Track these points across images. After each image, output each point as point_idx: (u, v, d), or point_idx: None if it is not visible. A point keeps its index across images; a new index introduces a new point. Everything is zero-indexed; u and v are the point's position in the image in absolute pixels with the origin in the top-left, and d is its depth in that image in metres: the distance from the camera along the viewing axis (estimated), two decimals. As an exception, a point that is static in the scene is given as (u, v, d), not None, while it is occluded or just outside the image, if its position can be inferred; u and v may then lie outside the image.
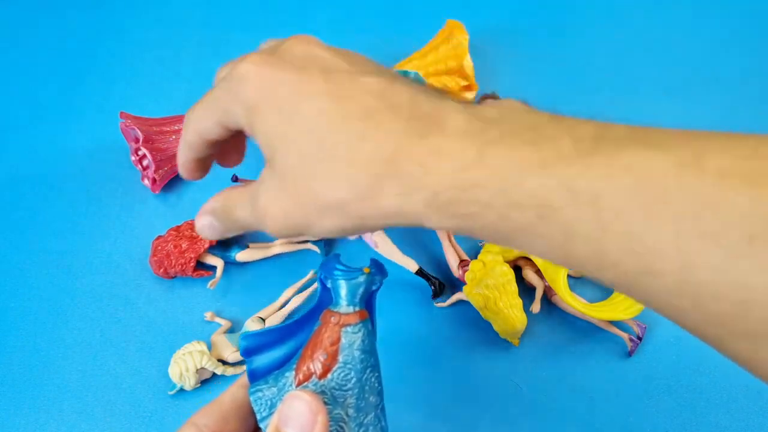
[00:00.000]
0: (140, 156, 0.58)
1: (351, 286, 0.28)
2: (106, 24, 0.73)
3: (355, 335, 0.27)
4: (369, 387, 0.27)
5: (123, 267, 0.54)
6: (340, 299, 0.28)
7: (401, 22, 0.74)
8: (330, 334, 0.27)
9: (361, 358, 0.27)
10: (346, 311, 0.27)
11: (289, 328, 0.29)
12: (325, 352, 0.27)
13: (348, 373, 0.27)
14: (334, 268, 0.28)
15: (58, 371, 0.49)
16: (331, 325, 0.27)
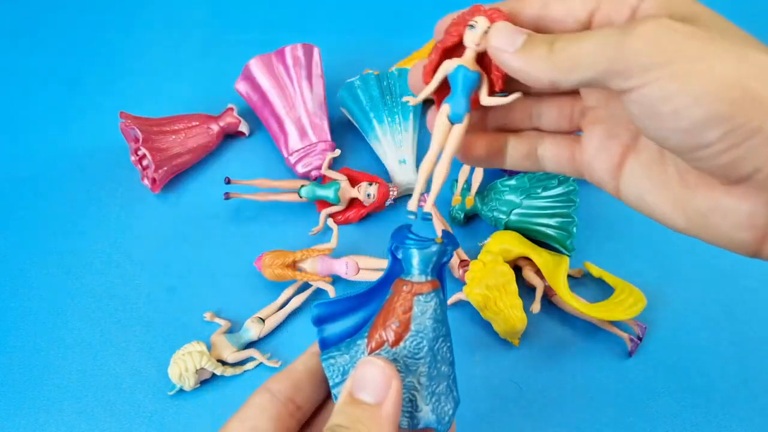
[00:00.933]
0: (140, 156, 0.58)
1: (423, 255, 0.28)
2: (107, 24, 0.73)
3: (428, 304, 0.27)
4: (441, 356, 0.28)
5: (123, 267, 0.54)
6: (412, 268, 0.28)
7: (401, 21, 0.74)
8: (402, 303, 0.27)
9: (433, 327, 0.27)
10: (419, 280, 0.27)
11: (359, 297, 0.29)
12: (397, 320, 0.27)
13: (420, 342, 0.27)
14: (406, 237, 0.28)
15: (57, 371, 0.49)
16: (403, 293, 0.27)
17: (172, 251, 0.55)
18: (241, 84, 0.61)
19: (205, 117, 0.61)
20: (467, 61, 0.27)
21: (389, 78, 0.60)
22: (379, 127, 0.59)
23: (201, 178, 0.60)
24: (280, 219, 0.58)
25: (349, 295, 0.29)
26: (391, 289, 0.28)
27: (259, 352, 0.49)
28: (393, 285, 0.28)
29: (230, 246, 0.56)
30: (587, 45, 0.23)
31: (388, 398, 0.25)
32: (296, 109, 0.58)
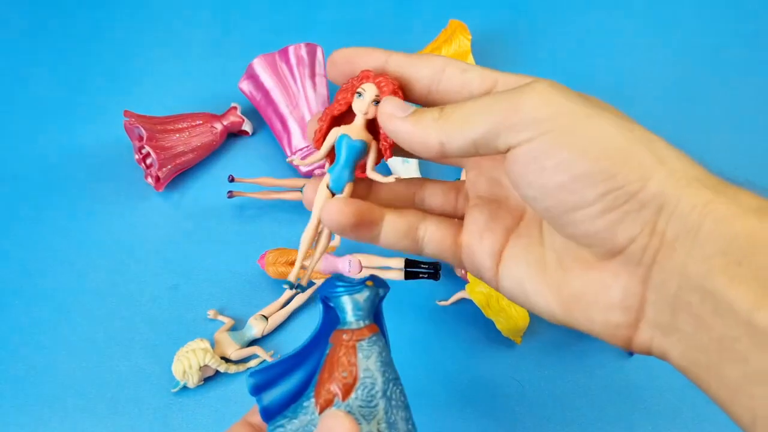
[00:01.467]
0: (144, 154, 0.58)
1: (356, 301, 0.27)
2: (111, 23, 0.73)
3: (371, 349, 0.26)
4: (395, 401, 0.26)
5: (126, 265, 0.55)
6: (346, 316, 0.27)
7: (404, 22, 0.74)
8: (345, 352, 0.26)
9: (382, 371, 0.26)
10: (357, 326, 0.27)
11: (295, 357, 0.28)
12: (344, 370, 0.26)
13: (371, 389, 0.26)
14: (335, 286, 0.28)
15: (61, 369, 0.49)
16: (344, 343, 0.26)
17: (176, 249, 0.56)
18: (244, 83, 0.61)
19: (209, 116, 0.61)
20: (353, 130, 0.27)
21: (392, 77, 0.60)
22: (382, 126, 0.59)
23: (204, 177, 0.60)
24: (283, 217, 0.58)
25: (284, 357, 0.28)
26: (331, 342, 0.27)
27: (262, 349, 0.49)
28: (332, 337, 0.27)
29: (233, 244, 0.56)
30: (479, 103, 0.24)
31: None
32: (299, 108, 0.58)
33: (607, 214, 0.21)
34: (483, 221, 0.28)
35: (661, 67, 0.70)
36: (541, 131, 0.22)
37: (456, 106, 0.24)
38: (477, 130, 0.23)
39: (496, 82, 0.26)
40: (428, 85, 0.27)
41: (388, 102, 0.26)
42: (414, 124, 0.25)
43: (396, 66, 0.27)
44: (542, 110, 0.22)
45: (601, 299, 0.23)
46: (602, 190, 0.21)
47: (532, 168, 0.22)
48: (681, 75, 0.69)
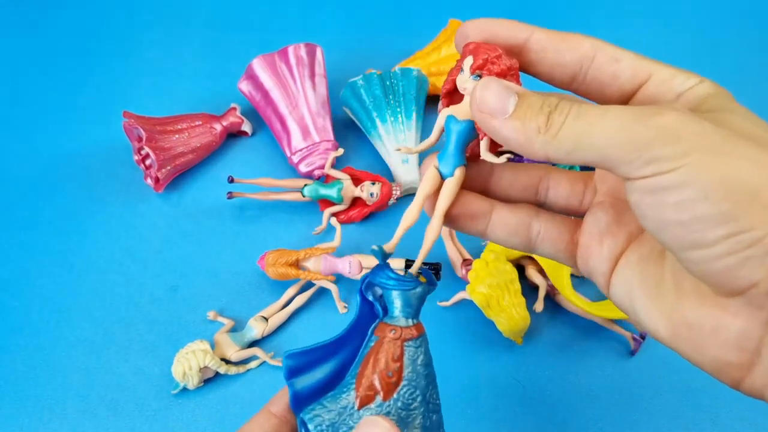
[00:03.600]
0: (143, 155, 0.58)
1: (407, 297, 0.26)
2: (110, 23, 0.73)
3: (418, 350, 0.25)
4: (432, 404, 0.26)
5: (126, 266, 0.55)
6: (395, 311, 0.26)
7: (404, 21, 0.74)
8: (393, 351, 0.25)
9: (425, 374, 0.25)
10: (406, 324, 0.25)
11: (331, 345, 0.27)
12: (390, 370, 0.25)
13: (414, 391, 0.25)
14: (387, 277, 0.26)
15: (61, 370, 0.49)
16: (390, 339, 0.25)
17: (175, 250, 0.55)
18: (244, 83, 0.61)
19: (209, 116, 0.61)
20: (460, 110, 0.25)
21: (392, 77, 0.60)
22: (382, 127, 0.59)
23: (204, 178, 0.60)
24: (283, 218, 0.58)
25: (321, 343, 0.27)
26: (375, 334, 0.26)
27: (262, 350, 0.49)
28: (378, 329, 0.26)
29: (233, 245, 0.56)
30: (595, 128, 0.21)
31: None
32: (299, 109, 0.58)
33: (726, 258, 0.20)
34: (605, 223, 0.26)
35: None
36: (664, 169, 0.20)
37: (567, 118, 0.21)
38: (588, 157, 0.21)
39: (650, 77, 0.23)
40: (572, 74, 0.24)
41: (483, 92, 0.23)
42: (515, 131, 0.22)
43: (537, 47, 0.24)
44: (668, 148, 0.20)
45: (715, 336, 0.22)
46: (723, 233, 0.20)
47: (649, 201, 0.21)
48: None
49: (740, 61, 0.70)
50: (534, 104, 0.22)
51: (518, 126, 0.22)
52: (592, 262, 0.26)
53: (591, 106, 0.22)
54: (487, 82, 0.23)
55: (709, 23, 0.74)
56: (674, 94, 0.23)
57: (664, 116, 0.20)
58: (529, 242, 0.28)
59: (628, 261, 0.25)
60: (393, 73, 0.60)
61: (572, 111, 0.22)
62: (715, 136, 0.20)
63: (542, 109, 0.22)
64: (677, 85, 0.23)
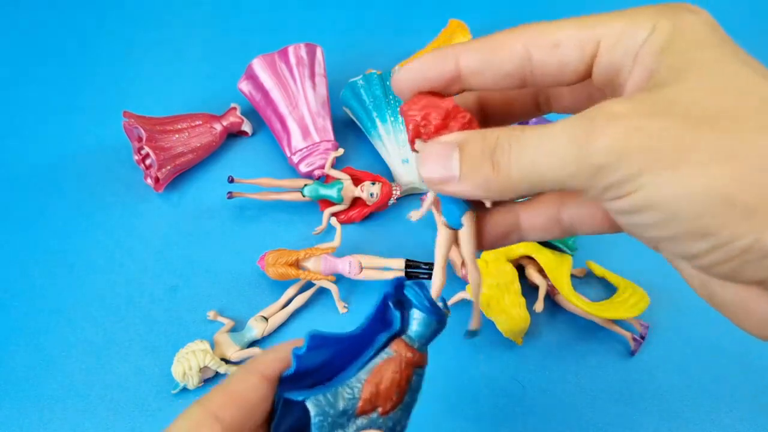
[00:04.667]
0: (143, 155, 0.58)
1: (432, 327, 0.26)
2: (110, 24, 0.73)
3: (420, 378, 0.26)
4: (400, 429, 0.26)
5: (126, 266, 0.55)
6: (413, 332, 0.26)
7: (404, 21, 0.74)
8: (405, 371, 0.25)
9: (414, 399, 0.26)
10: (421, 351, 0.26)
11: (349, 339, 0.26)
12: (397, 390, 0.25)
13: (404, 415, 0.26)
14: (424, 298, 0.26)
15: (61, 370, 0.49)
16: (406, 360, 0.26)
17: (175, 250, 0.55)
18: (244, 83, 0.61)
19: (209, 116, 0.61)
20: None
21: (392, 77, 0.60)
22: (382, 127, 0.59)
23: (204, 178, 0.60)
24: (283, 218, 0.58)
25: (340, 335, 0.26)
26: (393, 350, 0.26)
27: (262, 350, 0.49)
28: (395, 344, 0.26)
29: (233, 245, 0.56)
30: (540, 160, 0.19)
31: None
32: (299, 109, 0.58)
33: (724, 264, 0.18)
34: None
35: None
36: (621, 193, 0.18)
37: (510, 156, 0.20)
38: (545, 186, 0.20)
39: (598, 45, 0.21)
40: (520, 79, 0.22)
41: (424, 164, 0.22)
42: (472, 190, 0.21)
43: (469, 71, 0.22)
44: (617, 174, 0.18)
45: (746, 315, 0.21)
46: (708, 246, 0.18)
47: (624, 221, 0.19)
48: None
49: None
50: (475, 152, 0.21)
51: (469, 184, 0.21)
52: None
53: (530, 131, 0.20)
54: (423, 156, 0.22)
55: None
56: (630, 58, 0.20)
57: (604, 135, 0.18)
58: (568, 230, 0.26)
59: None
60: (393, 73, 0.60)
61: (512, 147, 0.20)
62: (666, 143, 0.17)
63: (483, 154, 0.21)
64: (628, 44, 0.20)
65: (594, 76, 0.22)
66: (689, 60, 0.19)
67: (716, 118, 0.18)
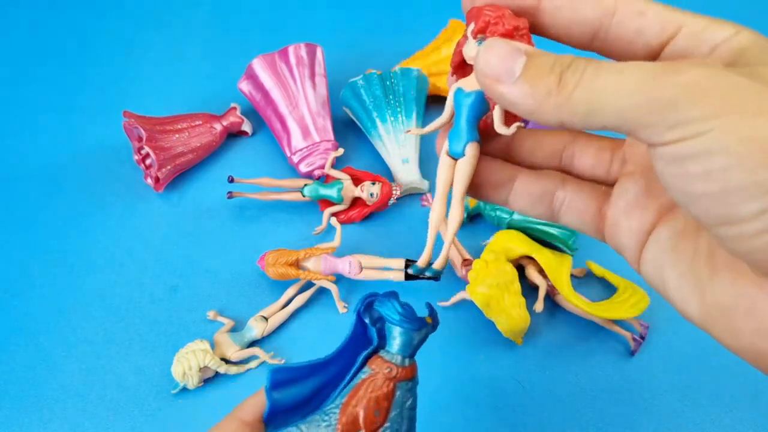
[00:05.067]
0: (143, 155, 0.58)
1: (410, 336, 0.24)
2: (110, 24, 0.73)
3: (408, 392, 0.24)
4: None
5: (126, 266, 0.55)
6: (393, 346, 0.25)
7: (404, 21, 0.74)
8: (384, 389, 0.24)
9: (409, 416, 0.24)
10: (402, 364, 0.24)
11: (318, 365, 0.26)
12: (377, 410, 0.24)
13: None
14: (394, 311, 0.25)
15: (61, 370, 0.49)
16: (384, 377, 0.24)
17: (175, 250, 0.55)
18: (244, 83, 0.61)
19: (209, 116, 0.61)
20: (467, 81, 0.23)
21: (392, 77, 0.60)
22: (382, 126, 0.59)
23: (204, 177, 0.60)
24: (283, 218, 0.58)
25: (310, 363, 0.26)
26: (370, 368, 0.25)
27: (262, 350, 0.49)
28: (371, 361, 0.25)
29: (233, 245, 0.56)
30: (611, 87, 0.19)
31: None
32: (299, 109, 0.58)
33: (764, 235, 0.17)
34: (634, 194, 0.24)
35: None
36: (689, 134, 0.17)
37: (579, 77, 0.19)
38: (606, 120, 0.19)
39: (680, 29, 0.21)
40: (592, 32, 0.22)
41: (486, 56, 0.20)
42: (523, 96, 0.20)
43: (552, 5, 0.22)
44: (693, 109, 0.17)
45: (750, 319, 0.20)
46: (759, 207, 0.17)
47: (674, 170, 0.18)
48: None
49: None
50: (544, 64, 0.20)
51: (527, 89, 0.20)
52: (620, 237, 0.24)
53: (608, 63, 0.19)
54: (491, 43, 0.20)
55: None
56: (708, 48, 0.21)
57: (690, 72, 0.18)
58: (553, 212, 0.26)
59: (659, 236, 0.23)
60: (393, 73, 0.60)
61: (587, 70, 0.19)
62: (750, 93, 0.17)
63: (553, 68, 0.20)
64: (710, 37, 0.21)
65: (663, 55, 0.22)
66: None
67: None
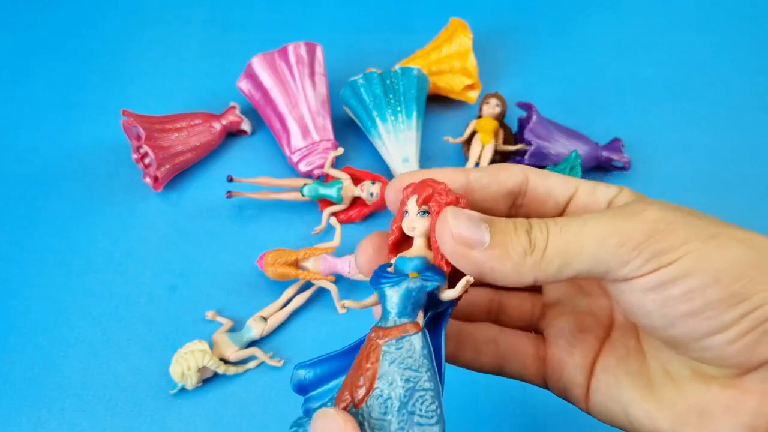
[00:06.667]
0: (142, 154, 0.58)
1: (385, 294, 0.23)
2: (109, 22, 0.73)
3: (398, 351, 0.22)
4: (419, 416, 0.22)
5: (124, 265, 0.54)
6: (388, 312, 0.23)
7: (404, 20, 0.73)
8: (368, 353, 0.23)
9: (405, 378, 0.22)
10: (391, 324, 0.23)
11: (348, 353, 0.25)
12: (361, 375, 0.22)
13: (387, 398, 0.22)
14: (381, 277, 0.24)
15: (59, 370, 0.49)
16: (371, 341, 0.23)
17: (174, 250, 0.55)
18: (243, 82, 0.61)
19: (208, 115, 0.61)
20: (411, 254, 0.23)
21: (392, 76, 0.60)
22: (382, 126, 0.58)
23: (203, 177, 0.60)
24: (282, 218, 0.57)
25: (334, 353, 0.25)
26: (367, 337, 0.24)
27: (261, 351, 0.49)
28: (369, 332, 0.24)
29: (232, 245, 0.55)
30: (583, 236, 0.20)
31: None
32: (299, 108, 0.58)
33: (744, 337, 0.19)
34: (570, 331, 0.26)
35: (664, 64, 0.69)
36: (666, 262, 0.19)
37: (549, 233, 0.21)
38: (580, 267, 0.20)
39: (577, 189, 0.24)
40: (514, 197, 0.25)
41: (455, 222, 0.21)
42: (500, 260, 0.21)
43: (479, 184, 0.24)
44: (667, 240, 0.19)
45: (728, 417, 0.21)
46: (739, 313, 0.19)
47: (652, 297, 0.20)
48: (684, 73, 0.68)
49: (743, 61, 0.70)
50: (507, 228, 0.21)
51: (502, 254, 0.21)
52: (566, 375, 0.26)
53: (565, 218, 0.21)
54: (454, 212, 0.21)
55: (711, 22, 0.73)
56: (604, 201, 0.24)
57: (650, 210, 0.20)
58: (498, 363, 0.28)
59: (607, 365, 0.25)
60: (393, 72, 0.60)
61: (551, 226, 0.21)
62: (701, 222, 0.20)
63: (518, 231, 0.21)
64: (602, 194, 0.24)
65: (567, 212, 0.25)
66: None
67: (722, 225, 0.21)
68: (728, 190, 0.59)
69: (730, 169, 0.61)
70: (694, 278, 0.19)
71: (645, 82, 0.68)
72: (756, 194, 0.60)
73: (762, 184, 0.60)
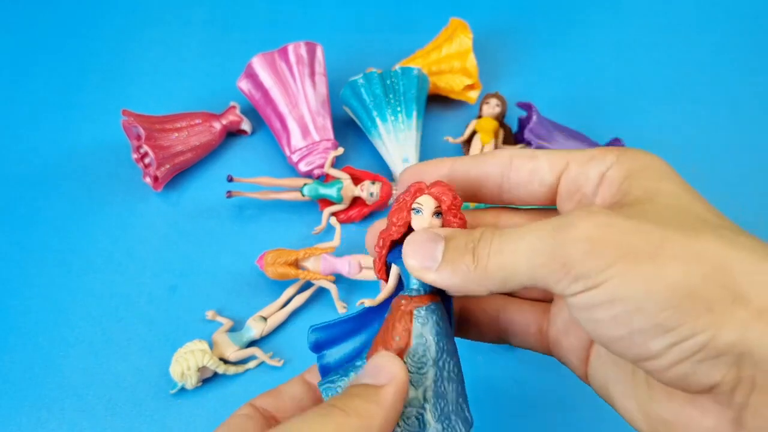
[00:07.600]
0: (142, 154, 0.58)
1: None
2: (109, 22, 0.73)
3: (428, 317, 0.25)
4: (447, 373, 0.25)
5: (124, 265, 0.54)
6: (410, 283, 0.26)
7: (405, 20, 0.73)
8: (401, 318, 0.25)
9: (436, 341, 0.25)
10: (418, 294, 0.26)
11: (357, 318, 0.28)
12: (397, 335, 0.25)
13: (423, 355, 0.25)
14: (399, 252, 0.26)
15: (59, 370, 0.49)
16: (402, 309, 0.26)
17: (174, 250, 0.55)
18: (243, 82, 0.61)
19: (208, 115, 0.61)
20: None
21: (392, 76, 0.60)
22: (382, 126, 0.58)
23: (203, 177, 0.60)
24: (282, 217, 0.57)
25: (347, 316, 0.28)
26: (391, 307, 0.26)
27: (261, 350, 0.49)
28: (393, 303, 0.26)
29: (232, 244, 0.55)
30: (517, 253, 0.21)
31: (392, 383, 0.23)
32: (299, 108, 0.58)
33: (678, 366, 0.19)
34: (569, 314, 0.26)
35: (664, 64, 0.69)
36: (590, 285, 0.19)
37: (490, 249, 0.21)
38: (522, 281, 0.21)
39: (567, 164, 0.24)
40: (499, 182, 0.26)
41: (410, 250, 0.24)
42: (450, 277, 0.23)
43: (462, 170, 0.26)
44: (590, 263, 0.19)
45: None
46: (667, 343, 0.19)
47: (585, 317, 0.20)
48: (684, 72, 0.69)
49: (743, 61, 0.70)
50: (459, 245, 0.23)
51: (449, 272, 0.23)
52: (563, 354, 0.27)
53: (511, 230, 0.22)
54: (413, 238, 0.24)
55: (711, 22, 0.73)
56: (596, 176, 0.24)
57: (581, 226, 0.20)
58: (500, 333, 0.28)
59: (599, 354, 0.25)
60: (393, 72, 0.60)
61: (493, 241, 0.22)
62: (639, 238, 0.19)
63: (467, 247, 0.22)
64: (594, 168, 0.24)
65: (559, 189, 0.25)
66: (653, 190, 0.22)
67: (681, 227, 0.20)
68: (728, 190, 0.59)
69: (730, 169, 0.61)
70: (617, 305, 0.19)
71: (645, 82, 0.68)
72: (756, 194, 0.60)
73: (762, 183, 0.60)
